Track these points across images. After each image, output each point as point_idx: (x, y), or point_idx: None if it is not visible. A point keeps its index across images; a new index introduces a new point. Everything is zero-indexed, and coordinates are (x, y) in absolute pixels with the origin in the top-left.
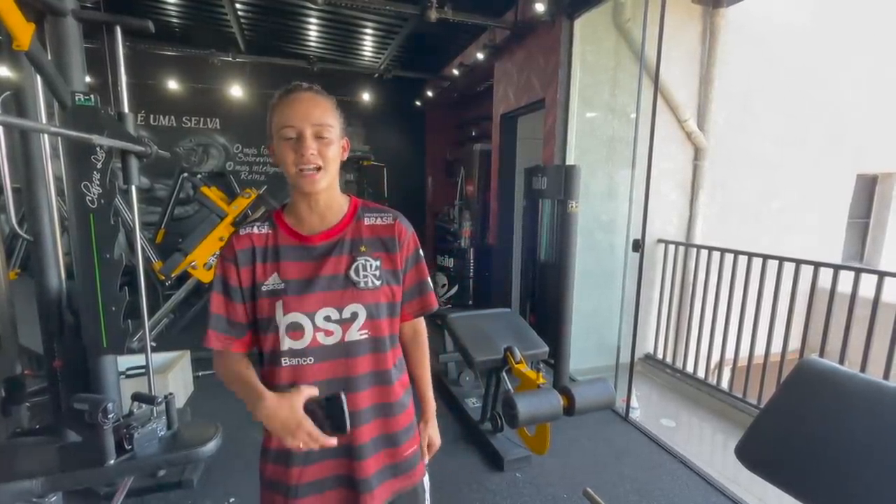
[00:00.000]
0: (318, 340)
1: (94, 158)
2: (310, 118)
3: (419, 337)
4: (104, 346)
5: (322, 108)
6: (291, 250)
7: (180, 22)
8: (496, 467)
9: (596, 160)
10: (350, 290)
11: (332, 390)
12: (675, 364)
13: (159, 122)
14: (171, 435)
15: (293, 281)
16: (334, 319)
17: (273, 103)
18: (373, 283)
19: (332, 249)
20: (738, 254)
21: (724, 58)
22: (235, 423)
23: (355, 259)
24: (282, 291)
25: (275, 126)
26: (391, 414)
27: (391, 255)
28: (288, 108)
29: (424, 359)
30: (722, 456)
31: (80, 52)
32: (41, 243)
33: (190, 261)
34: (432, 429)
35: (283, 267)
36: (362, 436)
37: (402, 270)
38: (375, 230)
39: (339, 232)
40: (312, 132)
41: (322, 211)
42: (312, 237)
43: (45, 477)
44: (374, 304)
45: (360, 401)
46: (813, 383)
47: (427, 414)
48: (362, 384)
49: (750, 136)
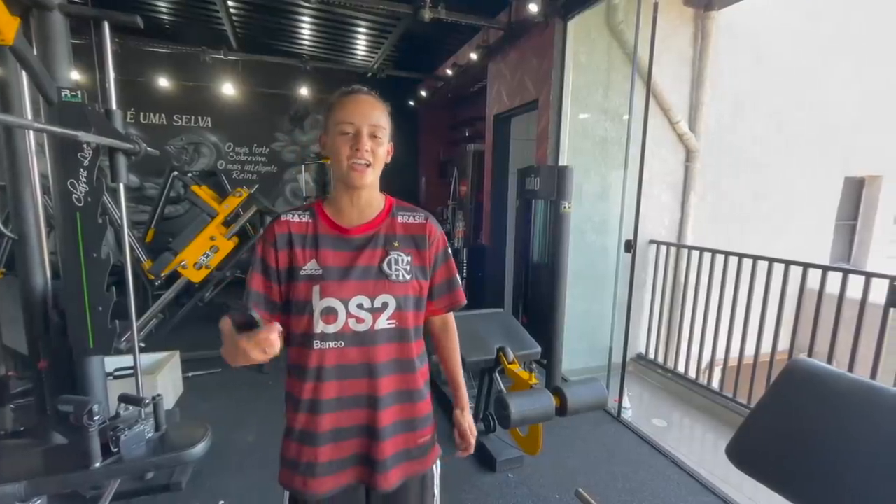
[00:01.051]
0: (350, 326)
1: (80, 156)
2: (368, 118)
3: (449, 330)
4: (91, 347)
5: (379, 111)
6: (330, 240)
7: (170, 18)
8: (488, 468)
9: (588, 161)
10: (382, 281)
11: (351, 375)
12: (666, 364)
13: (149, 120)
14: (158, 437)
15: (331, 268)
16: (366, 308)
17: (332, 100)
18: (403, 276)
19: (368, 242)
20: (728, 255)
21: (716, 60)
22: (225, 425)
23: (388, 253)
24: (319, 277)
25: (333, 120)
26: (412, 400)
27: (421, 251)
28: (349, 106)
29: (455, 349)
30: (713, 455)
31: (66, 47)
32: (26, 242)
33: (180, 260)
34: (469, 416)
35: (321, 254)
36: (383, 419)
37: (430, 267)
38: (408, 228)
39: (376, 227)
40: (368, 131)
41: (362, 206)
42: (351, 229)
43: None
44: (402, 296)
45: (383, 386)
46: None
47: (462, 402)
48: (385, 370)
49: (740, 139)
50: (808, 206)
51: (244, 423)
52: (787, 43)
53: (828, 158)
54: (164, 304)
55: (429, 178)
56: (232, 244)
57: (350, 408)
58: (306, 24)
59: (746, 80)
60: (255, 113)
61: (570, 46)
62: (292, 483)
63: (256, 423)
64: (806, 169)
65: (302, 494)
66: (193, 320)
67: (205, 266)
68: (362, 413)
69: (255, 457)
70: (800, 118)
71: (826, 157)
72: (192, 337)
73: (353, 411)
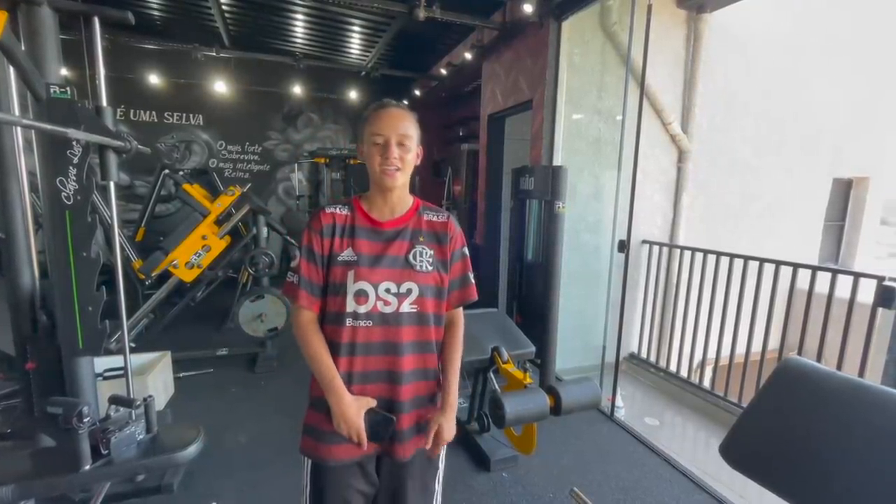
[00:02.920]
0: (378, 308)
1: (69, 153)
2: (396, 129)
3: (455, 326)
4: (80, 348)
5: (406, 121)
6: (365, 231)
7: (162, 15)
8: (483, 467)
9: (582, 161)
10: (408, 270)
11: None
12: (658, 363)
13: (140, 118)
14: (150, 439)
15: (364, 255)
16: (393, 292)
17: (366, 114)
18: (426, 267)
19: (398, 235)
20: (720, 255)
21: (708, 62)
22: (218, 426)
23: (414, 246)
24: (354, 263)
25: (367, 132)
26: (429, 378)
27: (442, 247)
28: (379, 120)
29: (456, 349)
30: (704, 454)
31: (55, 42)
32: (13, 241)
33: (171, 260)
34: (448, 419)
35: (357, 243)
36: (404, 393)
37: (449, 261)
38: (432, 225)
39: (405, 222)
40: (397, 140)
41: (393, 204)
42: (383, 223)
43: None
44: (425, 284)
45: (405, 363)
46: (794, 382)
47: (446, 403)
48: (407, 349)
49: (731, 139)
50: (797, 207)
51: (236, 423)
52: (777, 45)
53: (816, 160)
54: (155, 304)
55: (422, 177)
56: (224, 243)
57: (374, 382)
58: (300, 21)
59: (738, 82)
60: (247, 111)
61: (564, 47)
62: (316, 450)
63: (248, 423)
64: (795, 170)
65: (324, 461)
66: (185, 320)
67: (196, 265)
68: (385, 387)
69: (247, 458)
70: (789, 120)
71: (815, 158)
72: (184, 337)
73: (377, 385)
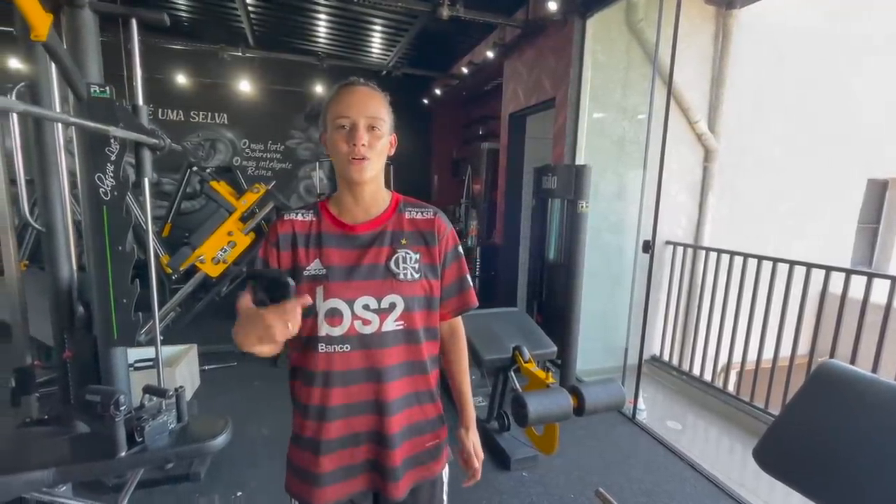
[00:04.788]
0: (356, 328)
1: (108, 150)
2: (364, 110)
3: (457, 337)
4: (115, 338)
5: (376, 101)
6: (335, 238)
7: (190, 16)
8: (503, 466)
9: (605, 160)
10: (389, 280)
11: (358, 379)
12: (681, 366)
13: (167, 117)
14: (180, 428)
15: (335, 267)
16: (372, 308)
17: (329, 96)
18: (412, 275)
19: (375, 240)
20: (747, 256)
21: (737, 59)
22: (242, 418)
23: (396, 251)
24: (323, 277)
25: (330, 116)
26: (421, 403)
27: (430, 249)
28: (344, 100)
29: (463, 360)
30: (728, 459)
31: (96, 43)
32: (53, 235)
33: (198, 255)
34: (475, 436)
35: (325, 253)
36: (393, 425)
37: (440, 265)
38: (416, 224)
39: (382, 224)
40: (365, 123)
41: (367, 202)
42: (356, 226)
43: (57, 467)
44: (411, 296)
45: (393, 391)
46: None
47: (468, 420)
48: (395, 374)
49: (760, 139)
50: (829, 209)
51: (259, 416)
52: (811, 41)
53: (850, 160)
54: (182, 298)
55: (442, 176)
56: (249, 239)
57: (358, 414)
58: (322, 21)
59: (768, 79)
60: (270, 110)
61: (588, 44)
62: (300, 492)
63: (271, 416)
64: (827, 170)
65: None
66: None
67: (222, 261)
68: (371, 419)
69: (269, 449)
70: (822, 118)
71: (849, 158)
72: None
73: (362, 417)
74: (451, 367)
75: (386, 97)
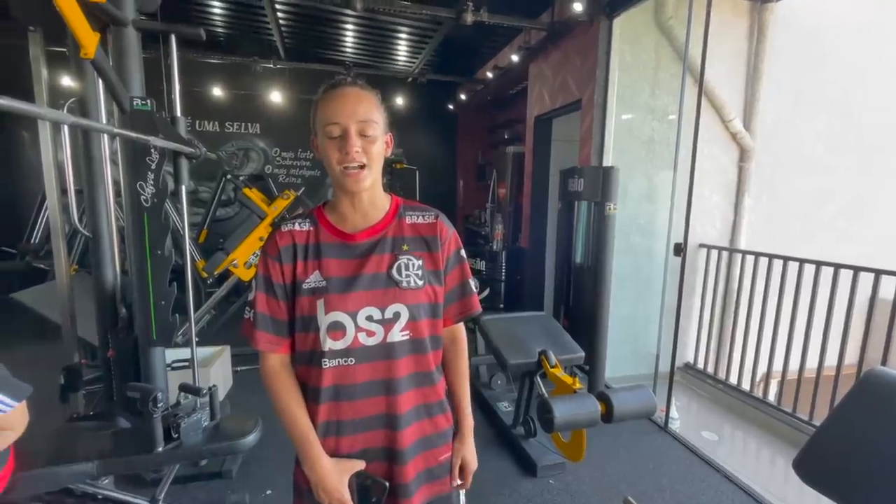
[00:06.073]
0: (360, 341)
1: (148, 159)
2: (355, 115)
3: (458, 345)
4: (154, 339)
5: (367, 103)
6: (333, 248)
7: (225, 31)
8: (529, 473)
9: (634, 162)
10: (392, 289)
11: (366, 393)
12: (717, 374)
13: (204, 127)
14: (214, 426)
15: (335, 279)
16: (376, 319)
17: (317, 98)
18: (415, 282)
19: (375, 247)
20: (787, 260)
21: (774, 54)
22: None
23: (397, 258)
24: (323, 290)
25: (319, 122)
26: (432, 415)
27: (433, 254)
28: (333, 104)
29: (463, 369)
30: (769, 472)
31: (138, 59)
32: (99, 240)
33: (231, 259)
34: (468, 448)
35: (324, 264)
36: (404, 440)
37: (443, 270)
38: (417, 229)
39: (382, 230)
40: (357, 129)
41: (365, 209)
42: (355, 235)
43: (101, 460)
44: (415, 304)
45: (403, 404)
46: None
47: (463, 430)
48: (404, 386)
49: (800, 136)
50: (877, 209)
51: None
52: (856, 34)
53: None
54: (216, 302)
55: (467, 180)
56: None
57: (368, 429)
58: (350, 31)
59: (808, 75)
60: (300, 119)
61: (615, 45)
62: None
63: None
64: (875, 168)
65: None
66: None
67: (254, 265)
68: (380, 434)
69: None
70: (869, 113)
71: None
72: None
73: (370, 433)
74: (450, 374)
75: (377, 95)
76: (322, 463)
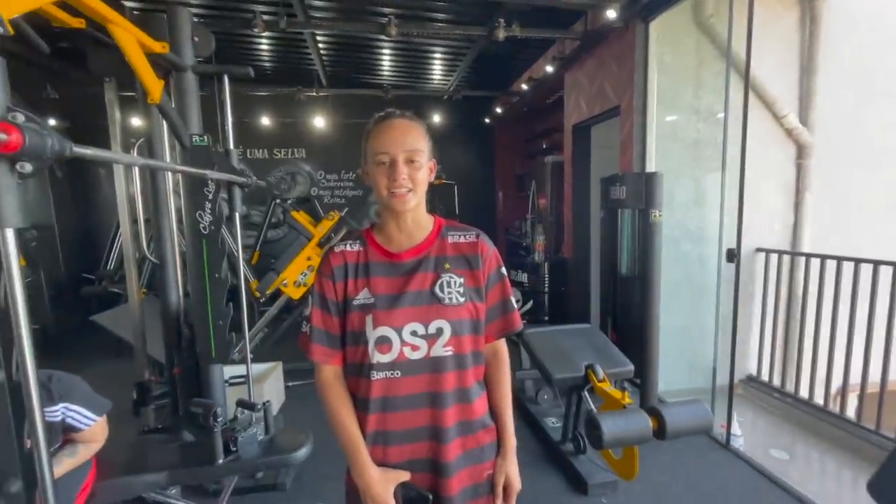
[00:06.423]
0: (405, 355)
1: (206, 190)
2: (402, 145)
3: (499, 361)
4: (213, 356)
5: (413, 134)
6: (381, 266)
7: (272, 65)
8: (580, 490)
9: (679, 165)
10: (435, 305)
11: (412, 405)
12: (784, 388)
13: (254, 155)
14: (268, 439)
15: (382, 296)
16: (420, 334)
17: (368, 129)
18: (457, 299)
19: (419, 266)
20: (859, 262)
21: (829, 44)
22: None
23: (440, 276)
24: (371, 306)
25: (370, 151)
26: (475, 430)
27: (474, 272)
28: (382, 135)
29: (505, 385)
30: (852, 496)
31: (196, 99)
32: (165, 266)
33: (282, 279)
34: (511, 465)
35: (372, 282)
36: (449, 453)
37: (484, 287)
38: (459, 248)
39: (425, 249)
40: (404, 158)
41: (410, 229)
42: (401, 254)
43: (170, 471)
44: (457, 320)
45: (447, 418)
46: None
47: (506, 447)
48: (448, 401)
49: (868, 128)
50: None
51: None
52: None
53: None
54: (268, 320)
55: (506, 192)
56: None
57: (414, 441)
58: (386, 56)
59: (872, 62)
60: (343, 142)
61: (652, 48)
62: None
63: None
64: None
65: None
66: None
67: (303, 284)
68: (425, 446)
69: None
70: None
71: None
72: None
73: (415, 445)
74: (492, 390)
75: (423, 125)
76: (369, 471)
